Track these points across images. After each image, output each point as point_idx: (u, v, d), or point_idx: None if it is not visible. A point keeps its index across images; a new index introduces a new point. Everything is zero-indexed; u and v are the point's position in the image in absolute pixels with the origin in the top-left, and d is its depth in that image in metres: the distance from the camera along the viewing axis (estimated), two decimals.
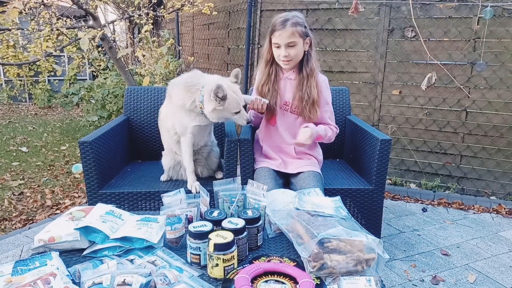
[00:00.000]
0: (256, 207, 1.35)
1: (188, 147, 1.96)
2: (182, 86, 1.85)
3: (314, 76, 1.97)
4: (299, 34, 1.87)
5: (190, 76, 1.88)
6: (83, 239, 1.23)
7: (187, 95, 1.83)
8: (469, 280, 2.12)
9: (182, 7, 4.12)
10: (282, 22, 1.86)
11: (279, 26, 1.87)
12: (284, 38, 1.86)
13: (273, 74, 2.01)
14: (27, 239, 2.51)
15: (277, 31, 1.87)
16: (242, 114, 1.85)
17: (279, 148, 2.06)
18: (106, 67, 7.23)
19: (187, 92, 1.83)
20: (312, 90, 1.95)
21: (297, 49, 1.90)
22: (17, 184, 3.46)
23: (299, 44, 1.89)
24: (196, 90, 1.81)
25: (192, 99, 1.82)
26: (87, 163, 1.97)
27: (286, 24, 1.85)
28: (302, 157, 2.06)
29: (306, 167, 2.00)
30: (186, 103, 1.83)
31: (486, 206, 3.06)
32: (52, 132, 5.44)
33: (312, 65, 1.96)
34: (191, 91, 1.82)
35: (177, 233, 1.25)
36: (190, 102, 1.83)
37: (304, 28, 1.89)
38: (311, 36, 1.94)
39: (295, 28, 1.85)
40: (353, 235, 1.13)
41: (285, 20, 1.86)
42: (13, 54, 6.21)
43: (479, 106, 3.18)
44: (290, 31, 1.85)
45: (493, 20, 2.98)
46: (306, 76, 1.96)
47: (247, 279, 1.00)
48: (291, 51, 1.89)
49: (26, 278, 1.05)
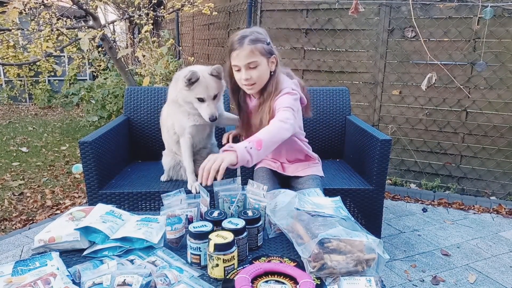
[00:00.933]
0: (256, 207, 1.35)
1: (187, 148, 1.96)
2: (173, 81, 1.87)
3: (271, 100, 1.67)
4: (260, 52, 1.62)
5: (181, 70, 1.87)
6: (83, 239, 1.23)
7: (173, 87, 1.85)
8: (469, 280, 2.12)
9: (182, 8, 4.12)
10: (239, 40, 1.62)
11: (236, 45, 1.62)
12: (243, 58, 1.61)
13: (241, 101, 1.82)
14: (27, 239, 2.51)
15: (234, 51, 1.63)
16: (208, 105, 1.75)
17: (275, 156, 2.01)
18: (106, 67, 7.22)
19: (174, 85, 1.85)
20: (264, 116, 1.66)
21: (260, 70, 1.64)
22: (17, 184, 3.46)
23: (261, 64, 1.64)
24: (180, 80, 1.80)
25: (177, 88, 1.81)
26: (87, 163, 1.97)
27: (243, 42, 1.61)
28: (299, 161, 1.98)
29: (304, 170, 1.93)
30: (172, 93, 1.84)
31: (486, 206, 3.06)
32: (52, 132, 5.44)
33: (273, 87, 1.67)
34: (176, 81, 1.83)
35: (177, 233, 1.25)
36: (175, 92, 1.83)
37: (266, 45, 1.65)
38: (276, 54, 1.69)
39: (254, 45, 1.60)
40: (353, 235, 1.13)
41: (242, 38, 1.62)
42: (13, 55, 6.21)
43: (479, 106, 3.18)
44: (248, 49, 1.60)
45: (493, 20, 2.98)
46: (263, 101, 1.69)
47: (247, 279, 1.00)
48: (253, 73, 1.64)
49: (26, 278, 1.05)
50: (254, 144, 1.39)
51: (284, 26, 3.74)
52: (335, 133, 2.59)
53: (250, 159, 1.36)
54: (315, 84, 3.71)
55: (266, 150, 1.45)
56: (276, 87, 1.67)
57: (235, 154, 1.33)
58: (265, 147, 1.42)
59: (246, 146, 1.37)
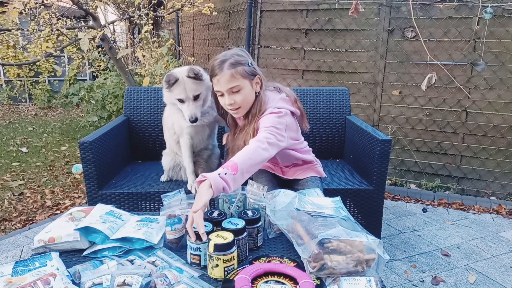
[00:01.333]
0: (256, 208, 1.35)
1: (187, 148, 1.95)
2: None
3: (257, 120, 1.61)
4: (242, 75, 1.57)
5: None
6: (83, 240, 1.23)
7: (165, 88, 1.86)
8: (469, 281, 2.12)
9: (182, 8, 4.12)
10: (219, 65, 1.57)
11: (217, 70, 1.58)
12: (224, 83, 1.57)
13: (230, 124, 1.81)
14: (27, 239, 2.51)
15: (215, 77, 1.59)
16: (187, 106, 1.74)
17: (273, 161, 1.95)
18: (106, 67, 7.23)
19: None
20: (247, 138, 1.59)
21: (243, 93, 1.59)
22: (17, 185, 3.46)
23: (245, 87, 1.59)
24: None
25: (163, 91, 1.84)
26: (87, 163, 1.97)
27: (223, 67, 1.56)
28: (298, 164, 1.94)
29: (303, 173, 1.91)
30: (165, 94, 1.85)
31: (486, 206, 3.06)
32: (52, 133, 5.44)
33: (257, 108, 1.63)
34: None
35: (177, 233, 1.25)
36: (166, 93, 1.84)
37: (248, 66, 1.59)
38: (260, 74, 1.64)
39: (235, 69, 1.55)
40: (353, 235, 1.13)
41: (222, 62, 1.57)
42: (13, 55, 6.21)
43: (479, 106, 3.18)
44: (228, 74, 1.55)
45: (493, 21, 2.98)
46: (248, 123, 1.65)
47: (247, 279, 1.00)
48: (236, 97, 1.59)
49: (26, 278, 1.05)
50: (229, 169, 1.31)
51: (284, 26, 3.74)
52: (335, 133, 2.59)
53: (227, 186, 1.27)
54: (315, 84, 3.72)
55: (244, 174, 1.35)
56: (260, 108, 1.62)
57: (209, 184, 1.25)
58: (242, 171, 1.33)
59: (220, 172, 1.29)
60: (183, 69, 1.78)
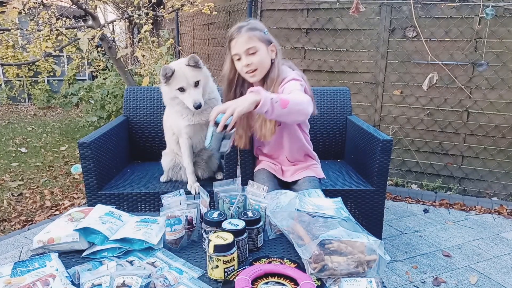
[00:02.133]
0: (257, 208, 1.34)
1: (187, 149, 1.95)
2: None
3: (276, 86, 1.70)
4: (258, 39, 1.69)
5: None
6: (83, 240, 1.22)
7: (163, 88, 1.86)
8: (470, 282, 2.11)
9: (182, 7, 4.11)
10: (237, 29, 1.71)
11: (235, 34, 1.70)
12: (241, 44, 1.68)
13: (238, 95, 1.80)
14: (26, 240, 2.50)
15: (233, 40, 1.70)
16: (189, 93, 1.74)
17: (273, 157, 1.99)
18: (106, 67, 7.23)
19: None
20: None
21: (260, 55, 1.69)
22: (16, 185, 3.46)
23: (261, 49, 1.69)
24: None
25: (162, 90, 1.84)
26: (86, 163, 1.96)
27: (241, 30, 1.69)
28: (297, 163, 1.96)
29: (302, 172, 1.91)
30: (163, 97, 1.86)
31: (487, 207, 3.05)
32: (51, 133, 5.44)
33: (275, 73, 1.72)
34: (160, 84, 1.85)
35: (177, 234, 1.24)
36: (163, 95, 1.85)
37: (264, 33, 1.72)
38: (275, 43, 1.75)
39: (252, 32, 1.68)
40: (354, 236, 1.12)
41: (240, 27, 1.71)
42: (12, 55, 6.21)
43: (481, 106, 3.17)
44: (246, 36, 1.67)
45: (495, 20, 2.97)
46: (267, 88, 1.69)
47: (247, 280, 0.99)
48: (253, 59, 1.68)
49: (25, 279, 1.05)
50: (279, 101, 1.38)
51: (285, 25, 3.73)
52: (336, 133, 2.58)
53: (270, 111, 1.36)
54: (315, 84, 3.70)
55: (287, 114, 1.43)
56: (278, 74, 1.70)
57: (258, 99, 1.34)
58: (288, 110, 1.41)
59: (272, 98, 1.37)
60: (179, 61, 1.80)
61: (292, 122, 1.73)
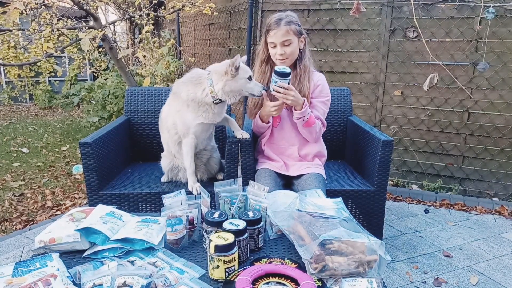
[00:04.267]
0: (257, 208, 1.34)
1: (190, 148, 1.95)
2: (189, 82, 1.90)
3: (307, 73, 1.99)
4: (294, 32, 1.91)
5: (192, 73, 1.94)
6: (84, 240, 1.23)
7: (197, 87, 1.87)
8: (471, 282, 2.11)
9: (183, 8, 4.12)
10: (277, 21, 1.91)
11: (274, 25, 1.91)
12: (279, 36, 1.89)
13: (268, 73, 2.03)
14: (27, 240, 2.51)
15: (272, 30, 1.91)
16: (255, 83, 1.87)
17: (282, 150, 2.05)
18: (107, 67, 7.23)
19: (195, 85, 1.88)
20: (304, 85, 1.97)
21: (292, 47, 1.92)
22: (17, 185, 3.46)
23: (294, 42, 1.92)
24: (204, 80, 1.86)
25: (202, 87, 1.86)
26: (87, 164, 1.97)
27: (280, 23, 1.89)
28: (304, 159, 2.05)
29: (307, 169, 1.99)
30: (197, 93, 1.86)
31: (488, 207, 3.05)
32: (53, 133, 5.45)
33: (306, 62, 2.00)
34: (198, 82, 1.88)
35: (178, 234, 1.25)
36: (200, 91, 1.86)
37: (298, 26, 1.93)
38: (305, 35, 1.98)
39: (290, 26, 1.89)
40: (354, 236, 1.12)
41: (279, 20, 1.91)
42: (13, 55, 6.21)
43: (481, 107, 3.17)
44: (284, 29, 1.88)
45: (495, 21, 2.97)
46: (299, 72, 1.98)
47: (248, 280, 0.99)
48: (286, 49, 1.91)
49: (26, 279, 1.05)
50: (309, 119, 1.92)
51: None
52: (337, 133, 2.58)
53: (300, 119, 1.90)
54: None
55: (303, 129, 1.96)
56: (309, 60, 2.03)
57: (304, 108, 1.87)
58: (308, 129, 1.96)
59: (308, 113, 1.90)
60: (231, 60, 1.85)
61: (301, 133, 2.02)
